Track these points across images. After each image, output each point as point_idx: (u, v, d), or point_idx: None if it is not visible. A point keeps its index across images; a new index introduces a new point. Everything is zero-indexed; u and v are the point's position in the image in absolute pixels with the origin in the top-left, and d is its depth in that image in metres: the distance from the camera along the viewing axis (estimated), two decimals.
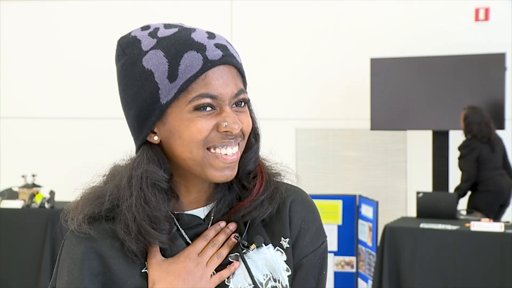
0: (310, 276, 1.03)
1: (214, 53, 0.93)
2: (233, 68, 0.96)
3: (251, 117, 1.01)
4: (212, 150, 0.94)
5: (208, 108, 0.94)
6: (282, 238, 1.03)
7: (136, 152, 1.00)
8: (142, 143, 0.98)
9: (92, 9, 6.66)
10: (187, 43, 0.93)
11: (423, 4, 5.83)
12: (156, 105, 0.94)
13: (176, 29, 0.96)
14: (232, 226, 1.01)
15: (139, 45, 0.96)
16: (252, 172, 1.03)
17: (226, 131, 0.94)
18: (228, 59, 0.95)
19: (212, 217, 1.02)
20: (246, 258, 1.00)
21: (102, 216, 0.98)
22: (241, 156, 1.00)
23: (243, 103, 0.98)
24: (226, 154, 0.95)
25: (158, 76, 0.93)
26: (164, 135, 0.96)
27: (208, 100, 0.93)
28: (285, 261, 1.02)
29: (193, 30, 0.97)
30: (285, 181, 1.06)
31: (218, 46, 0.95)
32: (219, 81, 0.93)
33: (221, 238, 1.00)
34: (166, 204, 0.96)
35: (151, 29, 0.98)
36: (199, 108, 0.93)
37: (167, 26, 0.98)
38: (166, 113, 0.94)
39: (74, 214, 1.00)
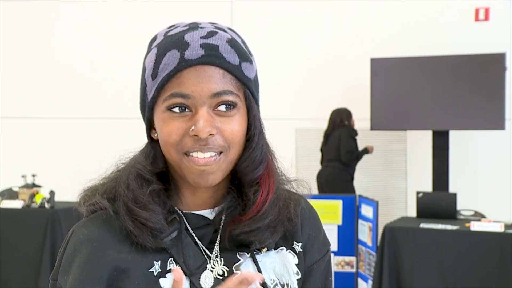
0: (318, 282, 1.04)
1: (193, 53, 0.91)
2: (219, 69, 0.92)
3: (249, 122, 0.97)
4: (188, 154, 0.93)
5: (181, 110, 0.91)
6: (295, 242, 1.03)
7: None
8: (148, 137, 1.00)
9: (93, 9, 6.67)
10: (175, 42, 0.92)
11: (423, 4, 5.83)
12: (146, 101, 0.96)
13: (186, 28, 0.95)
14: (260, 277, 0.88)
15: (153, 42, 0.97)
16: (256, 183, 0.99)
17: (194, 135, 0.91)
18: (210, 59, 0.91)
19: (222, 219, 1.00)
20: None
21: (113, 209, 0.98)
22: (236, 164, 0.97)
23: (230, 107, 0.93)
24: (197, 157, 0.92)
25: (147, 73, 0.95)
26: (157, 133, 0.97)
27: (179, 100, 0.91)
28: (296, 264, 1.02)
29: (197, 28, 0.95)
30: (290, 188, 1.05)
31: (204, 45, 0.91)
32: (193, 80, 0.90)
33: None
34: (146, 188, 0.95)
35: (172, 27, 0.98)
36: (171, 108, 0.91)
37: (187, 24, 0.97)
38: (153, 110, 0.95)
39: (90, 195, 1.00)
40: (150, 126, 0.98)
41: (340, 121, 5.47)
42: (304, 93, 6.17)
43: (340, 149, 5.39)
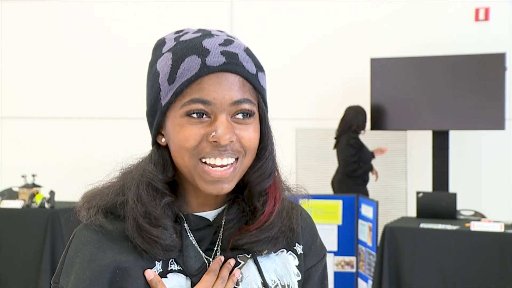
0: (316, 285, 1.07)
1: (214, 59, 0.91)
2: (239, 77, 0.93)
3: (263, 131, 0.98)
4: (203, 160, 0.93)
5: (200, 115, 0.91)
6: (297, 244, 1.05)
7: None
8: (153, 143, 0.99)
9: (93, 9, 6.66)
10: (194, 47, 0.92)
11: (423, 4, 5.83)
12: (158, 106, 0.94)
13: (199, 34, 0.95)
14: (233, 261, 0.99)
15: (162, 47, 0.97)
16: (264, 193, 1.00)
17: (214, 142, 0.91)
18: (231, 67, 0.91)
19: (223, 220, 1.01)
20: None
21: (114, 213, 0.98)
22: (248, 173, 0.98)
23: (248, 115, 0.94)
24: (214, 164, 0.92)
25: (161, 77, 0.93)
26: (166, 138, 0.96)
27: (199, 106, 0.91)
28: (296, 266, 1.04)
29: (212, 35, 0.95)
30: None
31: (225, 53, 0.92)
32: (215, 87, 0.90)
33: (225, 272, 0.97)
34: (159, 201, 0.94)
35: (181, 33, 0.97)
36: (190, 114, 0.91)
37: (197, 31, 0.97)
38: (166, 116, 0.94)
39: (89, 205, 0.99)
40: (157, 132, 0.98)
41: (357, 126, 5.21)
42: (304, 93, 6.17)
43: (339, 157, 5.26)
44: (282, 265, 1.02)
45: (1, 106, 6.87)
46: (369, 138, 5.67)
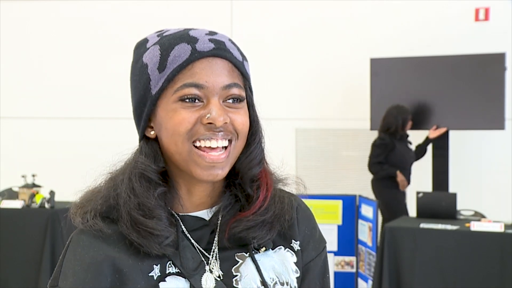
0: (316, 279, 1.06)
1: (204, 45, 0.93)
2: (228, 62, 0.95)
3: (252, 118, 0.99)
4: (197, 143, 0.93)
5: (193, 100, 0.93)
6: (293, 241, 1.04)
7: None
8: (142, 137, 0.99)
9: (93, 9, 6.66)
10: (182, 37, 0.95)
11: (423, 4, 5.83)
12: (148, 96, 0.95)
13: (182, 28, 0.98)
14: None
15: (146, 43, 0.99)
16: (256, 179, 1.01)
17: (209, 123, 0.92)
18: (220, 52, 0.94)
19: (219, 219, 1.00)
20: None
21: (109, 215, 0.97)
22: (240, 159, 0.99)
23: (238, 100, 0.96)
24: (210, 146, 0.93)
25: (150, 68, 0.95)
26: (157, 129, 0.97)
27: (193, 90, 0.92)
28: (294, 262, 1.03)
29: (196, 29, 0.98)
30: (286, 188, 1.06)
31: (212, 40, 0.94)
32: (207, 71, 0.93)
33: None
34: (153, 192, 0.94)
35: (162, 31, 1.00)
36: (184, 99, 0.92)
37: (179, 28, 0.99)
38: (156, 104, 0.95)
39: (83, 211, 0.98)
40: (146, 124, 0.98)
41: (396, 128, 5.05)
42: (304, 93, 6.17)
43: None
44: (280, 262, 1.01)
45: (1, 106, 6.87)
46: (369, 138, 5.67)
